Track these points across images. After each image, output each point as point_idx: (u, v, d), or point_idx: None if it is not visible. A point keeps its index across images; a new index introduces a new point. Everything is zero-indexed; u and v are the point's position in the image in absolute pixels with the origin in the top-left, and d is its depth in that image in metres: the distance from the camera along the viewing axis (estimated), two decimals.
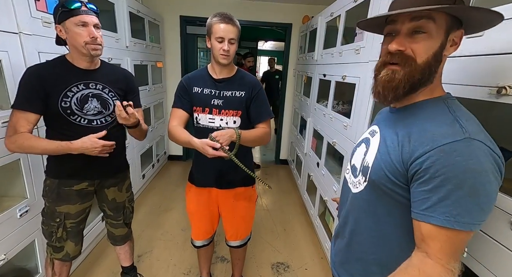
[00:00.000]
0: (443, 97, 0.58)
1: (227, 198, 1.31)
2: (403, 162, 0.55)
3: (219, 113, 1.20)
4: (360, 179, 0.67)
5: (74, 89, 1.08)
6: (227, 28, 1.09)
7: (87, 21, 1.02)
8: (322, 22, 2.27)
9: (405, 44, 0.54)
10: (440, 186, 0.49)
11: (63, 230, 1.15)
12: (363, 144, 0.71)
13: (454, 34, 0.54)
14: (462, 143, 0.49)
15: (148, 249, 1.94)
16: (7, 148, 1.02)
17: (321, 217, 2.16)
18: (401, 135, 0.58)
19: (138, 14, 2.45)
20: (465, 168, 0.48)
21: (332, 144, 1.85)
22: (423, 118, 0.57)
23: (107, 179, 1.24)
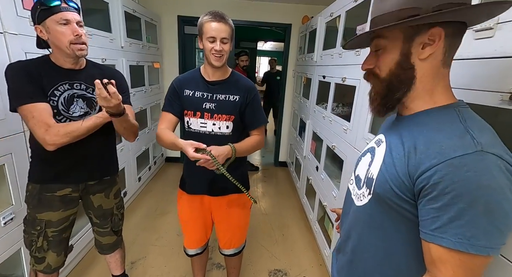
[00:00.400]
0: (453, 105, 0.53)
1: (220, 205, 1.25)
2: (410, 176, 0.50)
3: (211, 117, 1.14)
4: (365, 191, 0.62)
5: (60, 88, 1.03)
6: (219, 26, 1.03)
7: (69, 19, 0.96)
8: (322, 22, 2.22)
9: (372, 62, 0.57)
10: (451, 204, 0.44)
11: (43, 239, 1.09)
12: (369, 153, 0.66)
13: (425, 36, 0.50)
14: (473, 157, 0.44)
15: (142, 255, 1.88)
16: (51, 144, 0.95)
17: (320, 223, 2.11)
18: (407, 145, 0.53)
19: (134, 14, 2.40)
20: (477, 184, 0.43)
21: (332, 148, 1.80)
22: (431, 127, 0.52)
23: (92, 184, 1.18)
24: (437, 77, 0.53)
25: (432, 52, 0.51)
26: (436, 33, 0.50)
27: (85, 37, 1.02)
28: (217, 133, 1.16)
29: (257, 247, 2.05)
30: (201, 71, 1.19)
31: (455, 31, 0.51)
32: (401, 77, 0.54)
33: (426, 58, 0.52)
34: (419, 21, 0.48)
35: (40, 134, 0.95)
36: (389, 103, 0.57)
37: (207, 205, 1.27)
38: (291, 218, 2.50)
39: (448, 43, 0.51)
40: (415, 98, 0.55)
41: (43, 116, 0.94)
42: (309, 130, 2.43)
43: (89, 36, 1.71)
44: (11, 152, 1.19)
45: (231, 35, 1.07)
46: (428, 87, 0.54)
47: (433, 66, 0.53)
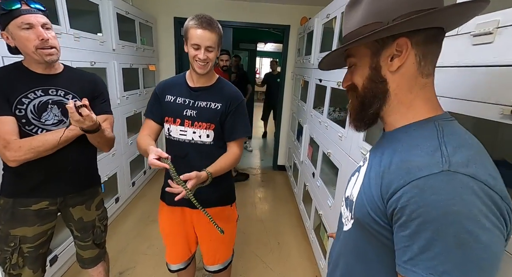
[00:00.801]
0: (434, 118, 0.48)
1: (202, 218, 1.18)
2: (382, 198, 0.46)
3: (191, 125, 1.08)
4: (349, 215, 0.57)
5: (30, 96, 0.97)
6: (204, 34, 0.97)
7: (32, 22, 0.89)
8: (319, 24, 2.15)
9: (348, 78, 0.56)
10: (419, 232, 0.39)
11: (18, 256, 1.03)
12: (357, 173, 0.61)
13: (392, 47, 0.48)
14: (439, 178, 0.39)
15: (131, 265, 1.82)
16: (12, 161, 0.90)
17: (316, 231, 2.03)
18: (384, 164, 0.48)
19: (128, 16, 2.36)
20: (443, 210, 0.37)
21: (327, 155, 1.73)
22: (407, 144, 0.47)
23: (72, 196, 1.12)
24: (415, 89, 0.49)
25: (401, 63, 0.47)
26: (402, 44, 0.47)
27: (55, 40, 0.96)
28: (197, 141, 1.09)
29: (251, 256, 1.98)
30: (186, 76, 1.13)
31: (428, 38, 0.46)
32: (374, 91, 0.51)
33: (397, 70, 0.48)
34: (375, 36, 0.46)
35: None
36: (366, 118, 0.54)
37: (188, 218, 1.20)
38: (287, 224, 2.42)
39: (421, 52, 0.47)
40: (392, 113, 0.51)
41: (1, 131, 0.89)
42: (306, 135, 2.36)
43: (75, 39, 1.68)
44: None
45: (217, 42, 1.01)
46: (405, 100, 0.49)
47: (408, 77, 0.48)
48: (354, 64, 0.53)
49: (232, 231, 1.27)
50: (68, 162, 1.07)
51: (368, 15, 0.48)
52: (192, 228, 1.23)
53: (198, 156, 1.10)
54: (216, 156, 1.08)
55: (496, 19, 0.58)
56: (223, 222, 1.20)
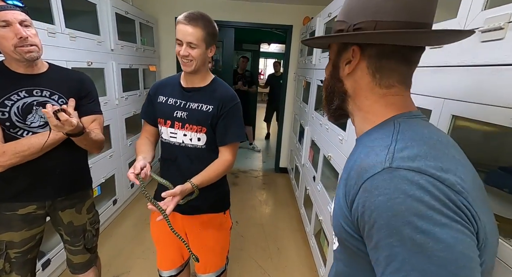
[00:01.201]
0: (395, 117, 0.44)
1: (193, 225, 1.14)
2: (348, 208, 0.42)
3: (182, 127, 1.03)
4: (333, 232, 0.52)
5: (13, 97, 0.93)
6: (186, 29, 0.92)
7: (9, 19, 0.85)
8: (321, 23, 2.09)
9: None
10: (379, 240, 0.36)
11: (5, 261, 1.00)
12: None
13: (348, 53, 0.47)
14: (381, 176, 0.36)
15: (126, 270, 1.79)
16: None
17: (317, 237, 1.97)
18: (346, 171, 0.46)
19: (127, 16, 2.34)
20: (392, 210, 0.34)
21: (328, 159, 1.67)
22: (366, 146, 0.43)
23: (61, 200, 1.09)
24: (372, 96, 0.46)
25: (350, 71, 0.46)
26: (355, 52, 0.45)
27: (36, 38, 0.92)
28: (187, 145, 1.04)
29: (249, 261, 1.93)
30: (180, 77, 1.09)
31: (382, 53, 0.43)
32: (332, 87, 0.52)
33: (348, 76, 0.48)
34: (328, 39, 0.48)
35: None
36: (331, 111, 0.54)
37: (179, 224, 1.15)
38: (288, 229, 2.36)
39: (374, 65, 0.44)
40: (356, 116, 0.50)
41: None
42: (308, 137, 2.30)
43: (71, 39, 1.65)
44: None
45: (203, 39, 0.95)
46: (362, 105, 0.47)
47: (363, 86, 0.46)
48: (329, 55, 0.53)
49: (224, 240, 1.21)
50: (55, 165, 1.03)
51: (343, 10, 0.47)
52: (184, 234, 1.18)
53: (188, 159, 1.05)
54: (208, 161, 1.03)
55: (508, 13, 0.52)
56: (214, 229, 1.15)
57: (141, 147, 1.06)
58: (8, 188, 0.98)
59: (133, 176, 0.85)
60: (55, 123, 0.81)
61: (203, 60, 0.99)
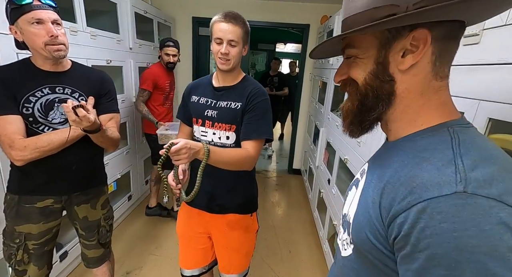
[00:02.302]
0: (447, 124, 0.38)
1: (220, 224, 1.12)
2: (382, 221, 0.37)
3: (212, 126, 1.03)
4: (347, 237, 0.48)
5: (38, 94, 0.96)
6: (227, 27, 0.92)
7: (43, 18, 0.88)
8: (339, 22, 2.02)
9: (344, 71, 0.46)
10: (428, 268, 0.31)
11: (24, 252, 1.03)
12: (354, 187, 0.52)
13: (407, 40, 0.38)
14: (451, 201, 0.30)
15: (139, 265, 1.81)
16: (18, 160, 0.90)
17: (330, 242, 1.91)
18: (384, 180, 0.39)
19: (146, 15, 2.37)
20: (457, 243, 0.29)
21: (344, 161, 1.61)
22: (414, 155, 0.38)
23: (77, 195, 1.11)
24: (427, 93, 0.39)
25: (415, 61, 0.38)
26: (420, 37, 0.36)
27: (64, 37, 0.95)
28: (217, 143, 1.04)
29: (260, 264, 1.90)
30: (212, 77, 1.11)
31: (448, 32, 0.36)
32: (377, 90, 0.41)
33: (408, 69, 0.39)
34: (395, 22, 0.36)
35: (5, 149, 0.90)
36: (364, 123, 0.45)
37: (205, 223, 1.14)
38: (300, 232, 2.31)
39: (439, 49, 0.37)
40: (398, 119, 0.43)
41: (6, 131, 0.88)
42: (323, 139, 2.24)
43: (92, 37, 1.69)
44: None
45: (242, 38, 0.96)
46: (414, 105, 0.40)
47: (420, 79, 0.39)
48: (355, 55, 0.43)
49: (250, 242, 1.18)
50: (72, 161, 1.05)
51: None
52: (209, 235, 1.17)
53: None
54: None
55: None
56: (241, 231, 1.13)
57: None
58: (28, 181, 1.01)
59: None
60: (73, 118, 0.83)
61: (239, 58, 1.00)
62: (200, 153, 0.82)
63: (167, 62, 2.08)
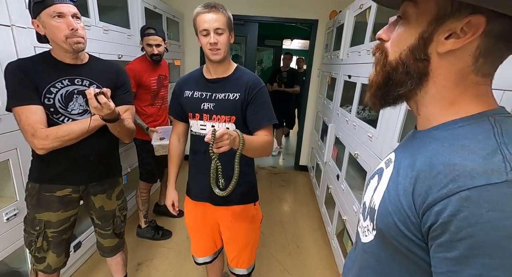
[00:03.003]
0: (488, 113, 0.37)
1: (224, 216, 1.14)
2: (415, 208, 0.37)
3: (210, 119, 1.04)
4: (369, 224, 0.48)
5: (58, 85, 0.98)
6: (210, 17, 0.93)
7: (64, 11, 0.91)
8: (350, 16, 2.01)
9: (389, 33, 0.43)
10: (470, 257, 0.31)
11: (43, 240, 1.06)
12: (377, 176, 0.52)
13: (460, 23, 0.35)
14: (500, 190, 0.30)
15: (149, 257, 1.84)
16: (40, 149, 0.93)
17: (339, 237, 1.91)
18: (417, 167, 0.38)
19: (155, 10, 2.38)
20: (508, 232, 0.29)
21: (355, 157, 1.61)
22: (451, 144, 0.36)
23: (93, 185, 1.14)
24: (463, 85, 0.38)
25: (455, 48, 0.35)
26: (474, 24, 0.33)
27: (83, 30, 0.97)
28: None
29: (269, 258, 1.91)
30: (203, 70, 1.10)
31: (504, 31, 0.34)
32: (409, 67, 0.39)
33: (445, 54, 0.37)
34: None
35: (28, 138, 0.93)
36: (388, 97, 0.43)
37: (212, 215, 1.16)
38: (307, 228, 2.32)
39: (486, 46, 0.35)
40: (429, 104, 0.41)
41: (30, 120, 0.91)
42: (331, 134, 2.23)
43: (104, 32, 1.71)
44: (16, 147, 1.18)
45: (227, 24, 0.96)
46: (447, 94, 0.39)
47: (457, 70, 0.37)
48: (407, 17, 0.39)
49: (256, 233, 1.21)
50: (90, 151, 1.07)
51: None
52: (217, 224, 1.19)
53: None
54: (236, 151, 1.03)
55: None
56: (246, 222, 1.15)
57: (174, 159, 1.20)
58: (48, 170, 1.04)
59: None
60: (95, 105, 0.85)
61: (228, 46, 1.00)
62: (236, 140, 0.80)
63: (151, 54, 1.75)
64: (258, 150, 0.97)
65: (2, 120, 1.10)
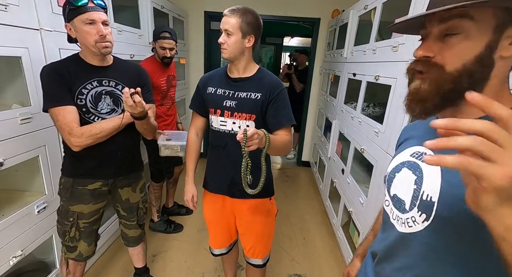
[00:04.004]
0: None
1: (242, 210, 1.21)
2: None
3: (231, 116, 1.11)
4: (416, 216, 0.50)
5: (88, 86, 1.05)
6: (226, 19, 1.02)
7: (95, 19, 0.98)
8: (354, 16, 2.08)
9: (434, 49, 0.44)
10: None
11: (76, 230, 1.14)
12: (406, 169, 0.55)
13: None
14: None
15: (164, 249, 1.92)
16: (76, 146, 1.00)
17: (345, 228, 2.01)
18: None
19: (163, 10, 2.43)
20: None
21: (361, 151, 1.69)
22: None
23: (121, 179, 1.21)
24: (505, 80, 0.44)
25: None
26: None
27: (110, 36, 1.04)
28: (236, 132, 1.11)
29: (277, 249, 2.01)
30: (227, 68, 1.17)
31: None
32: (475, 75, 0.42)
33: (506, 58, 0.42)
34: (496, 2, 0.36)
35: (64, 136, 1.00)
36: (445, 104, 0.45)
37: (229, 207, 1.24)
38: (312, 221, 2.41)
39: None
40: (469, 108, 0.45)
41: (66, 119, 0.98)
42: (336, 131, 2.32)
43: (118, 33, 1.76)
44: (44, 144, 1.24)
45: (240, 28, 1.02)
46: (495, 90, 0.44)
47: (507, 69, 0.43)
48: (466, 32, 0.41)
49: (271, 227, 1.28)
50: (117, 148, 1.15)
51: None
52: (233, 217, 1.26)
53: (237, 146, 1.12)
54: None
55: None
56: (263, 215, 1.22)
57: (192, 153, 1.24)
58: (81, 166, 1.11)
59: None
60: (131, 104, 0.92)
61: (238, 48, 1.04)
62: (263, 140, 0.85)
63: (162, 56, 1.79)
64: (280, 149, 1.04)
65: (33, 118, 1.16)
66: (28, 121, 1.14)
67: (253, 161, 1.16)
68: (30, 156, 1.19)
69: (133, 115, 1.00)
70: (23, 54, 1.10)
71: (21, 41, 1.09)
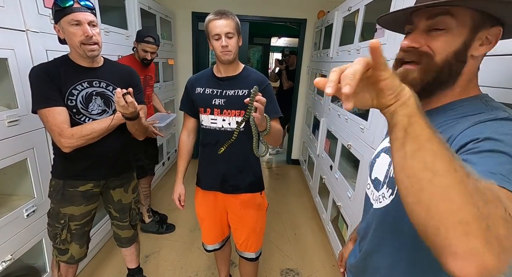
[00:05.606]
0: (479, 96, 0.50)
1: (234, 205, 1.25)
2: None
3: (220, 113, 1.14)
4: (385, 192, 0.58)
5: (78, 87, 1.05)
6: (221, 23, 1.04)
7: (80, 19, 0.98)
8: (339, 17, 2.15)
9: (420, 40, 0.48)
10: None
11: (67, 232, 1.13)
12: (384, 154, 0.63)
13: (487, 32, 0.46)
14: None
15: (156, 249, 1.92)
16: (66, 147, 1.00)
17: (334, 223, 2.07)
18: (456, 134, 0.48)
19: (150, 11, 2.42)
20: None
21: (347, 147, 1.75)
22: (455, 118, 0.48)
23: (112, 180, 1.22)
24: (473, 76, 0.50)
25: (485, 52, 0.47)
26: (494, 33, 0.46)
27: (98, 37, 1.03)
28: (227, 129, 1.15)
29: (269, 245, 2.04)
30: (213, 69, 1.20)
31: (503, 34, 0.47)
32: (452, 68, 0.47)
33: (477, 57, 0.47)
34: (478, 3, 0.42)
35: (55, 138, 1.00)
36: (427, 94, 0.50)
37: (221, 203, 1.27)
38: (303, 217, 2.47)
39: (492, 48, 0.47)
40: (453, 94, 0.51)
41: (56, 120, 0.98)
42: (323, 128, 2.38)
43: (105, 34, 1.75)
44: (33, 147, 1.23)
45: (236, 29, 1.07)
46: (464, 84, 0.50)
47: (476, 67, 0.49)
48: (449, 28, 0.46)
49: (263, 220, 1.32)
50: (109, 149, 1.15)
51: None
52: (225, 213, 1.30)
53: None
54: (246, 143, 1.13)
55: None
56: (254, 209, 1.25)
57: (183, 154, 1.27)
58: (72, 167, 1.11)
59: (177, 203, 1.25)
60: (123, 104, 0.94)
61: (238, 48, 1.11)
62: (265, 120, 0.99)
63: (143, 58, 1.81)
64: (276, 136, 1.12)
65: (20, 121, 1.15)
66: (15, 124, 1.13)
67: (244, 159, 1.21)
68: (18, 159, 1.17)
69: (124, 115, 1.01)
70: (9, 56, 1.09)
71: (7, 42, 1.08)
